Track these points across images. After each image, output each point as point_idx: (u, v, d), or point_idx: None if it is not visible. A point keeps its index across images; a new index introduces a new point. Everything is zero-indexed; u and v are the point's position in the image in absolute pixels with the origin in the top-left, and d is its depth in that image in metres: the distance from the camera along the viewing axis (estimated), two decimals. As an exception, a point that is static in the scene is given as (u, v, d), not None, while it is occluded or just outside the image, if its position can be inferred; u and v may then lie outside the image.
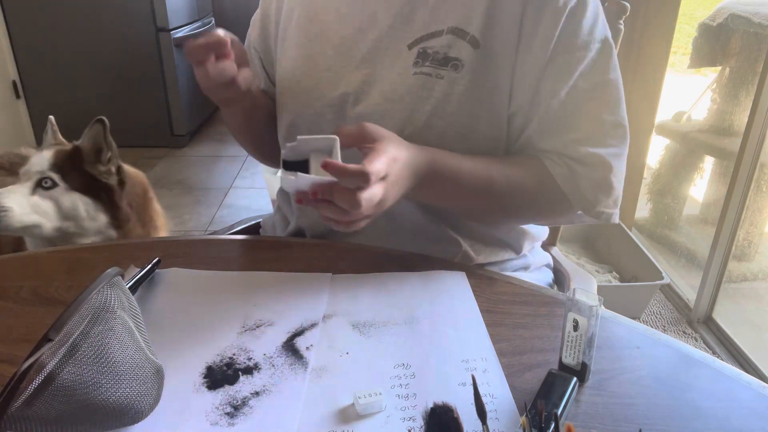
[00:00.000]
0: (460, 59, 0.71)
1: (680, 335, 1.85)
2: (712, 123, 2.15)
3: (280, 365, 0.55)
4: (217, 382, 0.53)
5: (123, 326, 0.47)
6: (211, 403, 0.51)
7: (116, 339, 0.45)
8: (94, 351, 0.44)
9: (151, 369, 0.48)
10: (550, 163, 0.74)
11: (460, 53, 0.71)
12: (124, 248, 0.79)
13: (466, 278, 0.69)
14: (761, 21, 1.87)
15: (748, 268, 2.04)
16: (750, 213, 1.88)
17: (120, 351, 0.45)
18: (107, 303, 0.47)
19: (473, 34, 0.71)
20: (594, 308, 0.50)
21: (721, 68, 2.13)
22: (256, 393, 0.52)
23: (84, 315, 0.45)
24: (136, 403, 0.45)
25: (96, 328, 0.44)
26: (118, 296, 0.48)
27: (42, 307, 0.65)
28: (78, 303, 0.45)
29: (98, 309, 0.46)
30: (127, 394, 0.45)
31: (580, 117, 0.73)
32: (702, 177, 2.25)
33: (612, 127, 0.74)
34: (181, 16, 3.18)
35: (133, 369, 0.46)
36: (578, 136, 0.73)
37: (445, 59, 0.71)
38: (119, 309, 0.47)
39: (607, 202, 0.75)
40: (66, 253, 0.77)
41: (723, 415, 0.50)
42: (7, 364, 0.56)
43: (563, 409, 0.48)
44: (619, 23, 0.94)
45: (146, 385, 0.46)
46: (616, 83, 0.74)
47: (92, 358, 0.43)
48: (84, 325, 0.44)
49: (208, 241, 0.83)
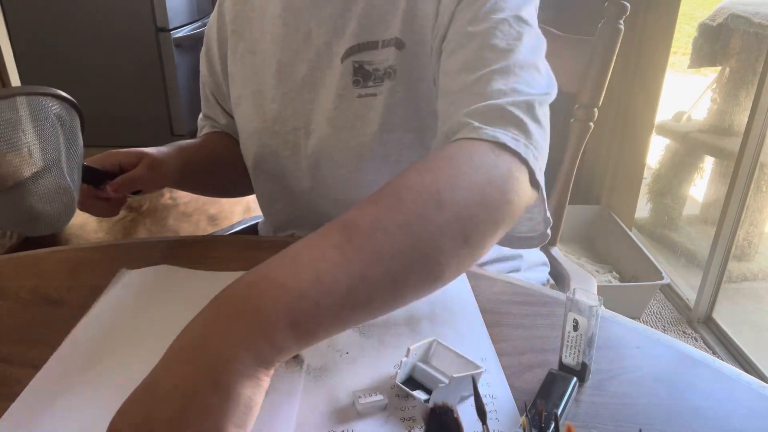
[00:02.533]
0: (393, 66, 0.69)
1: (680, 335, 1.85)
2: (712, 123, 2.15)
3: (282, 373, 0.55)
4: None
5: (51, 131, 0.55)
6: None
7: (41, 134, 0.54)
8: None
9: (59, 179, 0.54)
10: None
11: (391, 60, 0.69)
12: (125, 248, 0.79)
13: (466, 278, 0.69)
14: (761, 21, 1.88)
15: (748, 268, 2.04)
16: (750, 213, 1.88)
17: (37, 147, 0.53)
18: (45, 109, 0.56)
19: (396, 36, 0.69)
20: (594, 308, 0.50)
21: (721, 68, 2.13)
22: None
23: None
24: (37, 204, 0.51)
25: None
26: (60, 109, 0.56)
27: (42, 307, 0.65)
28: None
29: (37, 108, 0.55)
30: (31, 185, 0.51)
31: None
32: (702, 177, 2.25)
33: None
34: (181, 16, 3.17)
35: (47, 167, 0.53)
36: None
37: (384, 73, 0.70)
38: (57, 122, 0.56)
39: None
40: (66, 253, 0.77)
41: (723, 415, 0.50)
42: (7, 364, 0.56)
43: (563, 409, 0.48)
44: (619, 23, 0.94)
45: (52, 191, 0.52)
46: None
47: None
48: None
49: (208, 241, 0.83)
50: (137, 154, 0.72)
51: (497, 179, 0.50)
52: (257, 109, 0.78)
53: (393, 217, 0.44)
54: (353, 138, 0.72)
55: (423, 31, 0.68)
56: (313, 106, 0.74)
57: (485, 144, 0.52)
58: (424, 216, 0.44)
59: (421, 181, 0.47)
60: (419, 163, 0.50)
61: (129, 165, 0.71)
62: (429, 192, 0.46)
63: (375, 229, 0.43)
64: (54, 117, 0.57)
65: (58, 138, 0.57)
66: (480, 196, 0.48)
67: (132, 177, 0.71)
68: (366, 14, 0.70)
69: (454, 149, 0.52)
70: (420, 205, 0.45)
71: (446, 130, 0.58)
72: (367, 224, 0.43)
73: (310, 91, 0.74)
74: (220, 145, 0.89)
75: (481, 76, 0.59)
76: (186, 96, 3.24)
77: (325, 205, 0.79)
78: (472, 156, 0.51)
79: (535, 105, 0.57)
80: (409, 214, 0.44)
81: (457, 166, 0.49)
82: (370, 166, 0.73)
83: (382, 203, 0.45)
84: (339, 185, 0.75)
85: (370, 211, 0.44)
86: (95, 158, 0.71)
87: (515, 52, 0.60)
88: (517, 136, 0.53)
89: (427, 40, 0.68)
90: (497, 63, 0.59)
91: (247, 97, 0.80)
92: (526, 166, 0.53)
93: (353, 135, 0.72)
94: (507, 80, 0.58)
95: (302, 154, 0.76)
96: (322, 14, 0.72)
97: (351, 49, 0.71)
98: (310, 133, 0.75)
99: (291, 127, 0.76)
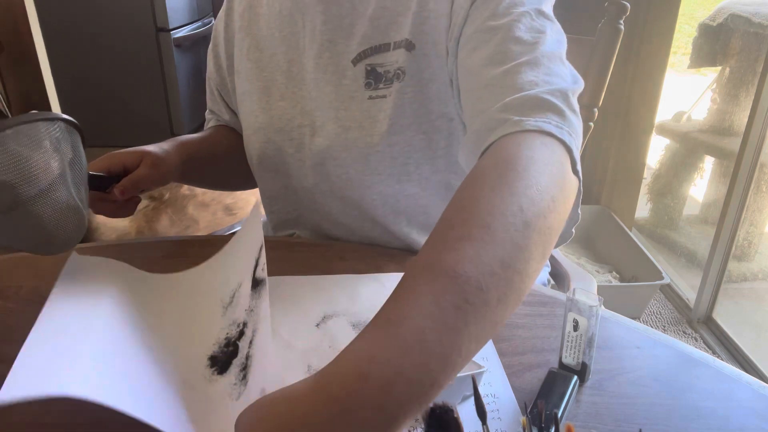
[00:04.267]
0: (402, 67, 0.70)
1: (680, 335, 1.85)
2: (712, 123, 2.15)
3: (257, 305, 0.54)
4: (225, 364, 0.53)
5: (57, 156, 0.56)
6: (228, 383, 0.51)
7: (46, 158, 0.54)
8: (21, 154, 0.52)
9: (68, 200, 0.55)
10: None
11: (401, 61, 0.69)
12: (125, 248, 0.79)
13: (466, 278, 0.69)
14: (761, 21, 1.88)
15: (748, 268, 2.04)
16: (750, 213, 1.88)
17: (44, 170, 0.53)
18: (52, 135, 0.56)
19: (407, 38, 0.69)
20: (594, 308, 0.50)
21: (721, 68, 2.13)
22: (251, 342, 0.52)
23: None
24: (49, 226, 0.53)
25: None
26: (66, 139, 0.57)
27: (42, 307, 0.65)
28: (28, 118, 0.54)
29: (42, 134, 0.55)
30: (40, 210, 0.52)
31: None
32: (702, 177, 2.25)
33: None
34: (181, 16, 3.17)
35: (52, 190, 0.54)
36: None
37: (393, 74, 0.70)
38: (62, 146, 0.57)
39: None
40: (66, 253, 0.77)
41: (723, 415, 0.50)
42: (7, 364, 0.56)
43: (564, 409, 0.48)
44: (619, 23, 0.94)
45: (61, 213, 0.55)
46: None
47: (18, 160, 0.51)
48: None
49: (208, 241, 0.83)
50: (139, 154, 0.72)
51: (557, 175, 0.48)
52: (263, 105, 0.78)
53: (494, 254, 0.40)
54: (360, 138, 0.72)
55: (435, 32, 0.68)
56: (319, 104, 0.74)
57: (531, 136, 0.50)
58: (518, 245, 0.41)
59: (501, 202, 0.43)
60: (485, 176, 0.46)
61: (132, 165, 0.71)
62: (514, 213, 0.42)
63: (483, 274, 0.39)
64: (55, 141, 0.57)
65: (62, 161, 0.57)
66: (552, 203, 0.45)
67: (136, 178, 0.70)
68: (378, 16, 0.70)
69: (509, 151, 0.49)
70: (512, 232, 0.41)
71: (478, 127, 0.56)
72: (477, 273, 0.38)
73: (317, 90, 0.74)
74: (225, 139, 0.89)
75: (510, 68, 0.58)
76: (186, 96, 3.24)
77: (327, 205, 0.79)
78: (532, 157, 0.48)
79: (569, 95, 0.55)
80: (506, 246, 0.41)
81: (524, 174, 0.46)
82: (377, 167, 0.73)
83: (475, 237, 0.41)
84: (343, 184, 0.75)
85: (470, 251, 0.40)
86: (98, 161, 0.70)
87: (541, 44, 0.59)
88: (560, 124, 0.52)
89: (439, 40, 0.68)
90: (524, 55, 0.58)
91: (252, 93, 0.80)
92: (570, 155, 0.51)
93: (361, 135, 0.72)
94: (537, 71, 0.57)
95: (307, 152, 0.76)
96: (329, 13, 0.72)
97: (364, 52, 0.71)
98: (316, 131, 0.75)
99: (297, 125, 0.76)
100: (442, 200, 0.77)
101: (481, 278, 0.38)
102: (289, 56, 0.76)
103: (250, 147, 0.82)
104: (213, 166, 0.87)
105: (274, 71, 0.78)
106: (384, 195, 0.75)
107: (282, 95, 0.77)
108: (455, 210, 0.44)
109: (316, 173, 0.77)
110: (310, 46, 0.74)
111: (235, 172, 0.91)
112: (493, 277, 0.39)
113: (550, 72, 0.57)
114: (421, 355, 0.35)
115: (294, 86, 0.76)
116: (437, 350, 0.35)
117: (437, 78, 0.69)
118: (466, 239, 0.40)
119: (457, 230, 0.42)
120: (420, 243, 0.79)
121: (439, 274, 0.38)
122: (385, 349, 0.35)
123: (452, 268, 0.38)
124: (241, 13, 0.81)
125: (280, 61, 0.77)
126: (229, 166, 0.89)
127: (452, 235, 0.41)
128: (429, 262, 0.40)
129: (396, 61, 0.70)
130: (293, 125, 0.76)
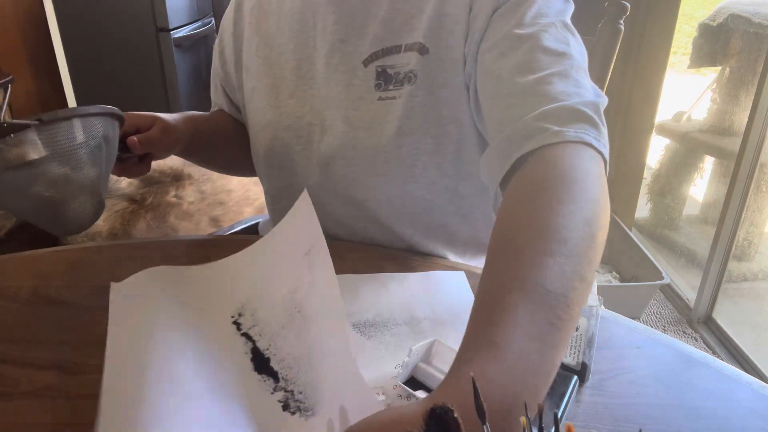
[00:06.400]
0: (414, 70, 0.70)
1: (680, 335, 1.85)
2: (712, 123, 2.15)
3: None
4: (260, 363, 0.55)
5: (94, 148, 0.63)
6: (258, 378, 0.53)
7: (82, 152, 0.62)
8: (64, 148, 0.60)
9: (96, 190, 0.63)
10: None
11: (412, 64, 0.70)
12: (125, 248, 0.79)
13: (466, 278, 0.69)
14: (761, 21, 1.87)
15: (748, 268, 2.04)
16: (750, 213, 1.88)
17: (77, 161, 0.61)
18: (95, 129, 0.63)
19: (420, 41, 0.69)
20: (594, 308, 0.50)
21: (721, 68, 2.13)
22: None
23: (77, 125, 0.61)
24: (69, 210, 0.61)
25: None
26: (107, 128, 0.65)
27: (42, 307, 0.65)
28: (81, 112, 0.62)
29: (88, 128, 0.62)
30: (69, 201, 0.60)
31: None
32: (702, 177, 2.25)
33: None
34: (181, 16, 3.17)
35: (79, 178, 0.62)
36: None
37: (404, 77, 0.70)
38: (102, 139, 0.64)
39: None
40: (66, 253, 0.77)
41: (723, 415, 0.50)
42: (7, 364, 0.56)
43: (564, 409, 0.48)
44: (619, 23, 0.94)
45: (81, 196, 0.62)
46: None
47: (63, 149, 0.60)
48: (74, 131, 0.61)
49: (207, 241, 0.83)
50: (152, 118, 0.74)
51: (604, 188, 0.50)
52: (272, 102, 0.79)
53: (573, 269, 0.42)
54: (369, 139, 0.72)
55: (451, 37, 0.68)
56: (329, 103, 0.74)
57: (578, 148, 0.52)
58: (588, 258, 0.44)
59: (571, 215, 0.45)
60: (549, 187, 0.48)
61: (145, 127, 0.73)
62: (581, 227, 0.45)
63: (568, 290, 0.41)
64: (101, 138, 0.64)
65: (101, 155, 0.64)
66: (605, 217, 0.48)
67: (149, 138, 0.72)
68: (390, 18, 0.71)
69: (566, 163, 0.51)
70: (583, 247, 0.44)
71: (510, 133, 0.56)
72: (563, 289, 0.41)
73: (327, 89, 0.74)
74: (224, 122, 0.90)
75: (540, 78, 0.58)
76: (186, 96, 3.24)
77: (331, 204, 0.79)
78: (587, 171, 0.50)
79: (600, 107, 0.57)
80: (581, 260, 0.43)
81: (583, 187, 0.48)
82: (383, 168, 0.73)
83: (555, 253, 0.42)
84: (349, 184, 0.75)
85: (555, 267, 0.41)
86: None
87: (568, 56, 0.60)
88: (597, 136, 0.54)
89: (455, 46, 0.68)
90: (553, 66, 0.59)
91: (261, 90, 0.80)
92: (605, 167, 0.53)
93: (369, 136, 0.72)
94: (567, 83, 0.58)
95: (315, 150, 0.76)
96: (340, 12, 0.72)
97: (375, 54, 0.71)
98: (326, 130, 0.75)
99: (306, 122, 0.76)
100: (447, 204, 0.77)
101: (568, 294, 0.41)
102: (298, 54, 0.76)
103: (257, 143, 0.82)
104: (213, 145, 0.88)
105: (283, 69, 0.78)
106: (389, 196, 0.75)
107: (291, 93, 0.77)
108: (528, 219, 0.46)
109: (322, 172, 0.77)
110: (321, 45, 0.74)
111: (231, 156, 0.91)
112: (574, 291, 0.41)
113: (579, 84, 0.58)
114: (533, 378, 0.37)
115: (303, 84, 0.76)
116: (542, 370, 0.38)
117: (450, 83, 0.70)
118: (548, 254, 0.42)
119: (536, 244, 0.43)
120: (422, 246, 0.79)
121: (531, 291, 0.40)
122: (500, 373, 0.36)
123: (542, 285, 0.40)
124: (251, 10, 0.82)
125: (290, 58, 0.77)
126: (226, 147, 0.90)
127: (533, 249, 0.43)
128: (518, 279, 0.41)
129: (407, 64, 0.70)
130: (302, 123, 0.76)
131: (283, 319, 0.58)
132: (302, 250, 0.59)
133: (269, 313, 0.59)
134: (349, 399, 0.46)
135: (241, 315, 0.61)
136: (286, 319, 0.57)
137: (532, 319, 0.39)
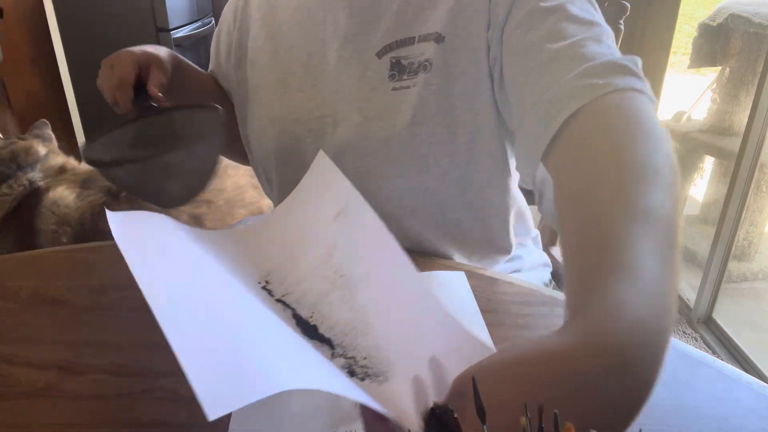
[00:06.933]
0: (429, 59, 0.70)
1: (680, 335, 1.85)
2: (712, 123, 2.15)
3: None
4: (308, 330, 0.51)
5: None
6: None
7: None
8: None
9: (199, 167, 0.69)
10: None
11: (428, 54, 0.69)
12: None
13: (466, 278, 0.69)
14: (761, 21, 1.88)
15: (748, 268, 2.04)
16: (750, 213, 1.88)
17: None
18: None
19: (437, 31, 0.69)
20: (594, 308, 0.50)
21: (721, 68, 2.13)
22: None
23: None
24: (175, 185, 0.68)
25: None
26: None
27: (42, 307, 0.65)
28: None
29: None
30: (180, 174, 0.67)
31: None
32: (702, 177, 2.25)
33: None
34: (181, 16, 3.17)
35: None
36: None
37: (418, 66, 0.70)
38: None
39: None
40: (66, 253, 0.77)
41: (723, 415, 0.50)
42: (7, 364, 0.56)
43: (563, 409, 0.48)
44: (619, 23, 0.94)
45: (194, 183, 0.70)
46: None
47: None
48: None
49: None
50: (144, 59, 0.74)
51: (662, 129, 0.50)
52: (280, 96, 0.78)
53: (671, 196, 0.43)
54: (382, 129, 0.71)
55: (471, 25, 0.68)
56: (341, 96, 0.74)
57: (627, 94, 0.52)
58: (676, 189, 0.44)
59: (657, 150, 0.46)
60: (618, 128, 0.48)
61: (145, 75, 0.74)
62: (667, 159, 0.46)
63: (673, 215, 0.41)
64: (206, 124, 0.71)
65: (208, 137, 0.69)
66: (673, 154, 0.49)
67: (160, 81, 0.72)
68: (403, 11, 0.71)
69: (624, 110, 0.51)
70: (674, 177, 0.45)
71: (552, 96, 0.56)
72: (671, 214, 0.41)
73: (338, 82, 0.74)
74: (212, 81, 0.91)
75: (573, 42, 0.59)
76: (186, 96, 3.24)
77: None
78: (648, 112, 0.51)
79: (639, 64, 0.57)
80: (673, 189, 0.43)
81: (651, 123, 0.49)
82: (396, 157, 0.72)
83: (651, 181, 0.43)
84: (361, 176, 0.74)
85: (659, 195, 0.42)
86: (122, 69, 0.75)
87: (598, 24, 0.61)
88: (644, 87, 0.54)
89: (476, 33, 0.68)
90: (585, 33, 0.60)
91: (269, 85, 0.80)
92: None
93: (382, 126, 0.71)
94: (600, 46, 0.59)
95: (327, 143, 0.75)
96: (354, 6, 0.73)
97: (389, 45, 0.71)
98: (339, 123, 0.74)
99: (317, 115, 0.76)
100: (459, 197, 0.76)
101: (674, 218, 0.41)
102: (308, 49, 0.76)
103: (264, 138, 0.82)
104: (190, 85, 0.86)
105: (292, 63, 0.78)
106: (401, 189, 0.74)
107: (300, 87, 0.77)
108: (609, 156, 0.46)
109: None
110: (332, 39, 0.74)
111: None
112: (677, 216, 0.41)
113: (612, 48, 0.59)
114: (673, 302, 0.36)
115: (313, 78, 0.76)
116: (674, 292, 0.36)
117: (467, 72, 0.69)
118: (648, 183, 0.42)
119: (631, 176, 0.43)
120: (431, 243, 0.78)
121: (642, 217, 0.39)
122: (638, 296, 0.34)
123: (652, 211, 0.40)
124: (258, 6, 0.82)
125: (299, 53, 0.77)
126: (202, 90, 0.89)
127: (630, 180, 0.43)
128: (629, 208, 0.41)
129: (422, 54, 0.70)
130: (313, 116, 0.76)
131: (323, 286, 0.53)
132: (330, 214, 0.55)
133: (303, 284, 0.55)
134: (444, 348, 0.41)
135: (268, 282, 0.57)
136: (327, 286, 0.53)
137: (654, 242, 0.37)
